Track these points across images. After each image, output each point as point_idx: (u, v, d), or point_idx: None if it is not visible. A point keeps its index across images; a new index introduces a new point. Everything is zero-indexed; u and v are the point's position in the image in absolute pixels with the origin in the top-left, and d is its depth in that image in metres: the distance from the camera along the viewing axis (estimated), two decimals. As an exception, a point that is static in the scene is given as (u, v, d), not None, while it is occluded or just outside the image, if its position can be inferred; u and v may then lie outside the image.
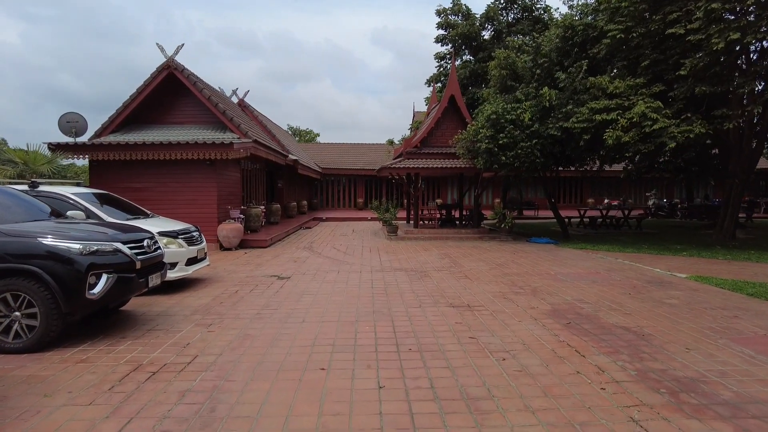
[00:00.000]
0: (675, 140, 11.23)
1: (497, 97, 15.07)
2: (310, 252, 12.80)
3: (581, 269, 10.00)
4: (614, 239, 15.68)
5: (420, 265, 10.45)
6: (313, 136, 63.02)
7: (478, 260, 11.24)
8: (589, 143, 13.18)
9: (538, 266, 10.37)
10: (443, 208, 19.06)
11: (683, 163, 26.99)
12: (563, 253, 12.54)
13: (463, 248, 13.58)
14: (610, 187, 37.48)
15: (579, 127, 12.83)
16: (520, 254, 12.33)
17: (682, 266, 10.31)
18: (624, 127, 12.04)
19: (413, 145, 16.50)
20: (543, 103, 13.62)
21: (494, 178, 17.62)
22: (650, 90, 12.33)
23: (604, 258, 11.66)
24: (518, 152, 13.76)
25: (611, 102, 12.42)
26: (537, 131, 13.87)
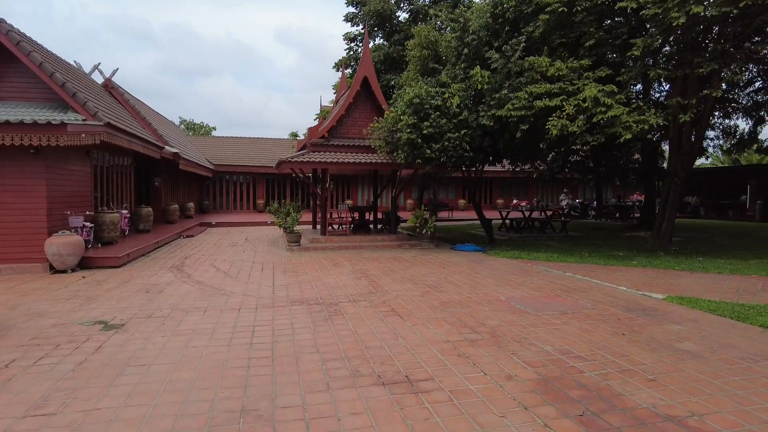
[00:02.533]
0: (630, 131, 9.52)
1: (419, 80, 12.68)
2: (177, 274, 9.44)
3: (534, 290, 7.83)
4: (544, 245, 14.03)
5: (329, 293, 7.65)
6: (209, 130, 57.41)
7: (404, 279, 8.71)
8: (527, 134, 11.21)
9: (479, 287, 8.06)
10: (356, 211, 16.40)
11: (593, 164, 27.09)
12: (498, 265, 10.43)
13: (382, 261, 11.00)
14: (519, 188, 37.37)
15: (516, 116, 10.81)
16: (451, 268, 10.01)
17: (646, 281, 8.55)
18: (570, 115, 10.17)
19: (319, 135, 13.62)
20: (474, 86, 11.44)
21: (414, 175, 15.29)
22: (596, 73, 10.61)
23: (549, 271, 9.69)
24: (445, 144, 11.46)
25: (554, 86, 10.52)
26: (466, 120, 11.68)
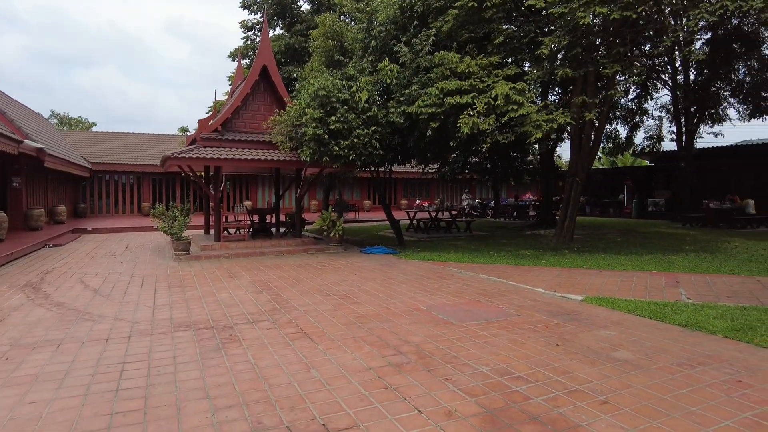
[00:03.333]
0: (540, 130, 9.43)
1: (324, 72, 11.76)
2: (30, 294, 7.62)
3: (452, 296, 7.30)
4: (452, 245, 13.82)
5: (223, 312, 6.47)
6: (88, 125, 51.44)
7: (313, 290, 7.75)
8: (438, 133, 10.78)
9: (396, 295, 7.36)
10: (256, 214, 15.03)
11: (490, 165, 28.04)
12: (412, 269, 9.87)
13: (286, 269, 9.91)
14: (422, 189, 37.88)
15: (426, 113, 10.32)
16: (363, 274, 9.23)
17: (560, 282, 8.43)
18: (481, 112, 9.88)
19: (212, 128, 12.14)
20: (383, 80, 10.79)
21: (319, 175, 14.33)
22: (504, 72, 10.45)
23: (462, 273, 9.30)
24: (354, 141, 10.67)
25: (464, 83, 10.18)
26: (375, 116, 10.99)
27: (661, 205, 27.95)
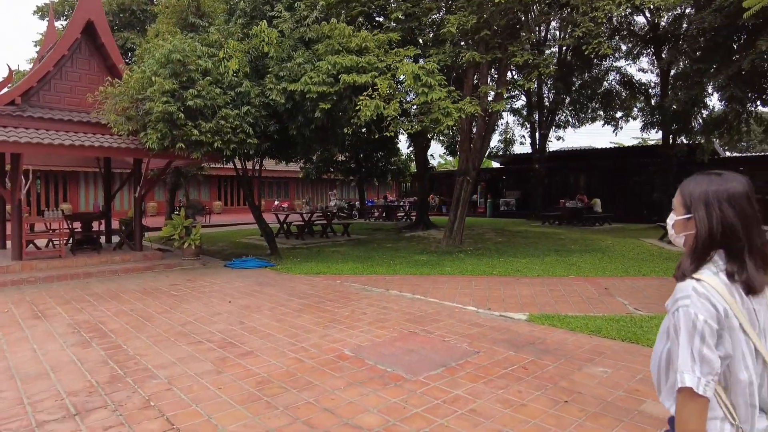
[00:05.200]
0: (451, 117, 8.11)
1: (177, 34, 8.97)
2: None
3: (377, 327, 5.50)
4: (335, 252, 12.04)
5: (17, 397, 3.75)
6: None
7: (174, 335, 5.27)
8: (328, 117, 8.85)
9: (301, 333, 5.31)
10: (77, 220, 11.34)
11: (355, 164, 26.84)
12: (303, 288, 7.84)
13: (126, 299, 7.07)
14: (280, 188, 35.29)
15: (316, 92, 8.34)
16: (241, 301, 6.92)
17: (485, 295, 7.17)
18: (383, 94, 8.24)
19: (6, 100, 8.49)
20: (259, 48, 8.51)
21: (166, 168, 11.34)
22: (405, 51, 8.96)
23: (368, 291, 7.57)
24: (221, 124, 8.20)
25: (362, 59, 8.43)
26: (248, 94, 8.64)
27: (512, 204, 29.63)
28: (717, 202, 1.33)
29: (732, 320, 1.27)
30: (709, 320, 1.25)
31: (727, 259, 1.33)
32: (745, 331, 1.29)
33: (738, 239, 1.32)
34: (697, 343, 1.24)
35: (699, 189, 1.38)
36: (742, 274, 1.30)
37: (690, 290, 1.29)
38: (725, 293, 1.28)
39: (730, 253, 1.33)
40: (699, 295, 1.27)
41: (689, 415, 1.25)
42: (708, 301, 1.26)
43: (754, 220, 1.33)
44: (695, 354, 1.24)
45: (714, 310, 1.26)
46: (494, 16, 8.54)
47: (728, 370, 1.29)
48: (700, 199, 1.36)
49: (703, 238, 1.34)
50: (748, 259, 1.31)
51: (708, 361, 1.23)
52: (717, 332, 1.26)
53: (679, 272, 1.38)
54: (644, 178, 22.89)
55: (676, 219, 1.44)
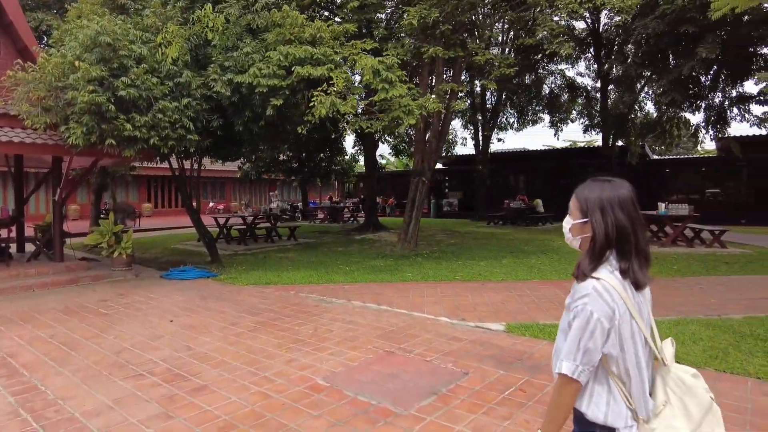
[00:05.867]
0: (413, 116, 7.64)
1: (106, 14, 7.87)
2: None
3: (348, 348, 4.92)
4: (284, 258, 11.29)
5: None
6: None
7: (108, 366, 4.41)
8: (280, 114, 8.11)
9: (262, 358, 4.63)
10: (-19, 227, 9.80)
11: (297, 164, 25.90)
12: (255, 301, 7.10)
13: (44, 322, 6.01)
14: (215, 190, 33.56)
15: (266, 85, 7.59)
16: (186, 319, 6.08)
17: (456, 303, 6.76)
18: (340, 90, 7.64)
19: None
20: (203, 34, 7.64)
21: (92, 168, 10.09)
22: (361, 44, 8.40)
23: (328, 302, 6.96)
24: (158, 118, 7.25)
25: (317, 50, 7.79)
26: (188, 85, 7.74)
27: (455, 205, 29.87)
28: (611, 207, 1.45)
29: (625, 315, 1.39)
30: (602, 318, 1.36)
31: (619, 258, 1.44)
32: (637, 323, 1.41)
33: (628, 240, 1.44)
34: (586, 337, 1.36)
35: (594, 195, 1.50)
36: (631, 271, 1.42)
37: (590, 289, 1.39)
38: (620, 290, 1.39)
39: (621, 253, 1.44)
40: (598, 293, 1.38)
41: (564, 397, 1.41)
42: (605, 301, 1.37)
43: (639, 223, 1.46)
44: (581, 346, 1.36)
45: (609, 310, 1.36)
46: (456, 11, 8.18)
47: (625, 361, 1.40)
48: (596, 205, 1.47)
49: (600, 240, 1.45)
50: (635, 257, 1.43)
51: (590, 353, 1.36)
52: (607, 331, 1.37)
53: (579, 272, 1.47)
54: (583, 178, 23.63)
55: (573, 222, 1.54)
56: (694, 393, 1.43)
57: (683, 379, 1.44)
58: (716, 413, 1.45)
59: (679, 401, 1.42)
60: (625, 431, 1.42)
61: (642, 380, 1.42)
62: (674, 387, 1.44)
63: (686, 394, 1.42)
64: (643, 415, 1.42)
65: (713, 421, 1.43)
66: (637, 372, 1.41)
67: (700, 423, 1.40)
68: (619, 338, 1.39)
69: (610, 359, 1.41)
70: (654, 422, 1.41)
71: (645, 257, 1.46)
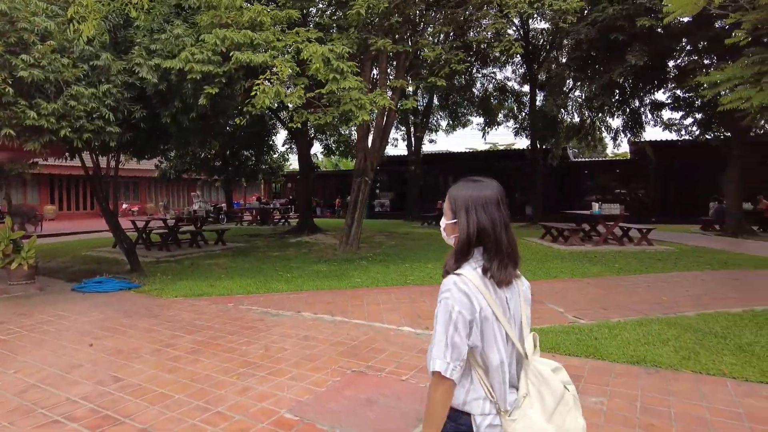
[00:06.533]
0: (365, 111, 7.16)
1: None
2: None
3: (309, 370, 4.35)
4: (215, 265, 10.38)
5: None
6: None
7: (4, 410, 3.50)
8: (214, 102, 7.28)
9: (209, 387, 3.94)
10: None
11: (221, 162, 24.42)
12: (188, 316, 6.29)
13: None
14: (128, 189, 30.95)
15: (200, 71, 6.75)
16: (108, 342, 5.18)
17: (411, 311, 6.37)
18: (284, 80, 6.99)
19: None
20: (124, 12, 6.65)
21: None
22: (307, 32, 7.78)
23: (275, 315, 6.31)
24: (70, 105, 6.18)
25: (258, 36, 7.07)
26: (107, 69, 6.71)
27: (386, 205, 29.78)
28: (474, 207, 1.50)
29: (486, 310, 1.45)
30: (463, 311, 1.42)
31: (483, 257, 1.50)
32: (498, 319, 1.46)
33: (489, 239, 1.49)
34: (451, 331, 1.41)
35: (461, 195, 1.55)
36: (492, 269, 1.47)
37: (451, 284, 1.45)
38: (480, 286, 1.45)
39: (485, 251, 1.50)
40: (458, 288, 1.44)
41: (438, 395, 1.43)
42: (465, 295, 1.43)
43: (501, 223, 1.51)
44: (449, 341, 1.41)
45: (469, 303, 1.42)
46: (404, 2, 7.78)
47: (486, 354, 1.46)
48: (462, 205, 1.53)
49: (463, 239, 1.51)
50: (497, 256, 1.48)
51: (458, 347, 1.41)
52: (469, 323, 1.42)
53: (444, 269, 1.54)
54: (511, 179, 24.46)
55: (447, 223, 1.59)
56: (549, 384, 1.50)
57: (541, 371, 1.51)
58: (568, 402, 1.52)
59: (537, 392, 1.49)
60: (480, 418, 1.47)
61: (503, 373, 1.47)
62: (533, 379, 1.50)
63: (543, 385, 1.49)
64: (504, 407, 1.47)
65: (564, 410, 1.50)
66: (498, 365, 1.46)
67: (553, 412, 1.48)
68: (480, 332, 1.44)
69: (473, 351, 1.47)
70: (515, 413, 1.47)
71: (509, 256, 1.49)
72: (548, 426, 1.46)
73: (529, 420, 1.45)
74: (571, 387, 1.57)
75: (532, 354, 1.53)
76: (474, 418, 1.47)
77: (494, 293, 1.47)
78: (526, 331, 1.56)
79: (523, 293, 1.59)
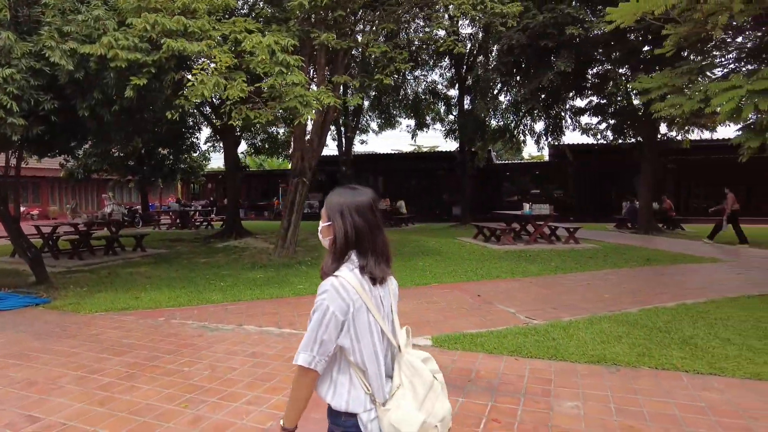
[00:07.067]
0: (311, 108, 6.76)
1: None
2: None
3: (273, 391, 3.97)
4: (136, 274, 9.54)
5: None
6: None
7: None
8: (141, 96, 6.54)
9: (155, 421, 3.44)
10: None
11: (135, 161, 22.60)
12: (113, 335, 5.63)
13: None
14: (26, 191, 27.84)
15: (126, 59, 6.03)
16: (17, 370, 4.43)
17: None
18: (222, 71, 6.44)
19: None
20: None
21: None
22: (246, 23, 7.24)
23: (214, 330, 5.81)
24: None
25: (193, 23, 6.45)
26: (9, 51, 5.79)
27: (315, 207, 29.19)
28: (349, 211, 1.59)
29: (362, 308, 1.53)
30: (337, 312, 1.50)
31: (359, 257, 1.58)
32: (373, 315, 1.55)
33: (364, 241, 1.59)
34: (322, 330, 1.49)
35: (336, 201, 1.63)
36: (369, 267, 1.56)
37: (329, 286, 1.53)
38: (357, 286, 1.54)
39: (360, 253, 1.58)
40: (335, 289, 1.52)
41: (302, 386, 1.55)
42: (341, 296, 1.51)
43: (375, 226, 1.61)
44: (317, 338, 1.50)
45: (344, 305, 1.51)
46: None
47: (362, 350, 1.54)
48: (336, 210, 1.61)
49: (340, 242, 1.59)
50: (371, 256, 1.58)
51: (325, 344, 1.50)
52: (341, 323, 1.51)
53: (322, 272, 1.61)
54: (439, 180, 24.90)
55: (322, 225, 1.66)
56: (420, 374, 1.59)
57: (412, 362, 1.60)
58: (436, 389, 1.63)
59: (409, 383, 1.57)
60: (365, 415, 1.54)
61: (379, 367, 1.55)
62: (406, 370, 1.59)
63: (414, 376, 1.59)
64: (381, 399, 1.55)
65: (433, 397, 1.60)
66: (374, 360, 1.54)
67: (424, 399, 1.57)
68: (354, 330, 1.52)
69: (348, 350, 1.54)
70: (389, 403, 1.55)
71: (382, 255, 1.60)
72: (419, 413, 1.54)
73: (401, 409, 1.52)
74: (439, 375, 1.68)
75: (405, 347, 1.62)
76: (359, 417, 1.53)
77: (370, 292, 1.55)
78: (397, 325, 1.65)
79: (393, 291, 1.69)
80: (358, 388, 1.54)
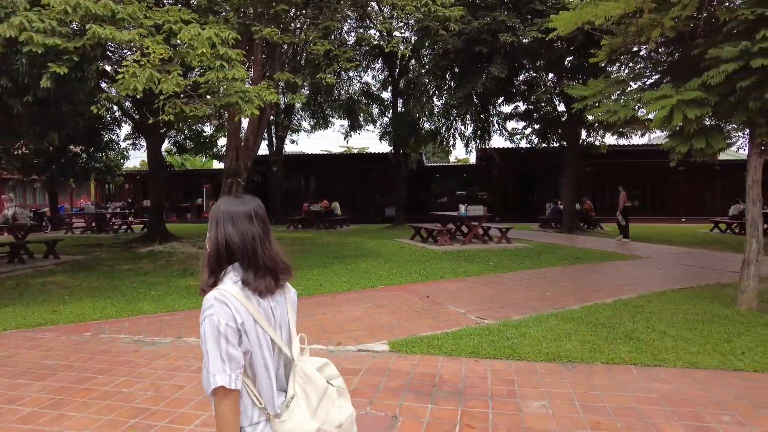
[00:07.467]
0: (253, 104, 6.41)
1: None
2: None
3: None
4: (51, 284, 8.68)
5: None
6: None
7: None
8: (60, 87, 5.85)
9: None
10: None
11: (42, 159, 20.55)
12: (35, 356, 5.03)
13: None
14: None
15: (42, 44, 5.36)
16: None
17: (317, 324, 5.89)
18: (156, 63, 5.93)
19: None
20: None
21: None
22: (181, 12, 6.73)
23: (153, 344, 5.35)
24: None
25: (122, 9, 5.87)
26: None
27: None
28: (223, 221, 1.51)
29: (249, 320, 1.45)
30: (229, 323, 1.41)
31: (241, 269, 1.50)
32: (262, 327, 1.48)
33: (241, 252, 1.50)
34: (224, 344, 1.39)
35: (214, 210, 1.56)
36: (249, 280, 1.48)
37: (212, 300, 1.43)
38: (242, 298, 1.45)
39: (242, 265, 1.51)
40: (219, 302, 1.42)
41: (226, 409, 1.40)
42: (227, 307, 1.42)
43: (256, 236, 1.52)
44: (223, 355, 1.39)
45: (232, 314, 1.42)
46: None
47: (252, 363, 1.47)
48: (213, 220, 1.54)
49: (212, 250, 1.52)
50: (252, 267, 1.50)
51: (235, 358, 1.41)
52: (237, 331, 1.42)
53: (201, 288, 1.53)
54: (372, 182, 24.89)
55: (208, 236, 1.58)
56: (313, 381, 1.56)
57: (305, 370, 1.56)
58: (331, 396, 1.59)
59: (302, 391, 1.54)
60: (250, 429, 1.48)
61: (270, 378, 1.51)
62: (299, 379, 1.55)
63: (307, 384, 1.55)
64: (272, 411, 1.50)
65: (327, 403, 1.57)
66: (264, 372, 1.49)
67: (317, 407, 1.54)
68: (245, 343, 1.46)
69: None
70: (284, 415, 1.50)
71: (265, 268, 1.51)
72: (312, 422, 1.51)
73: (296, 419, 1.49)
74: (337, 381, 1.64)
75: (299, 356, 1.58)
76: (243, 430, 1.47)
77: (257, 303, 1.49)
78: (293, 335, 1.60)
79: (290, 300, 1.64)
80: (245, 402, 1.47)
